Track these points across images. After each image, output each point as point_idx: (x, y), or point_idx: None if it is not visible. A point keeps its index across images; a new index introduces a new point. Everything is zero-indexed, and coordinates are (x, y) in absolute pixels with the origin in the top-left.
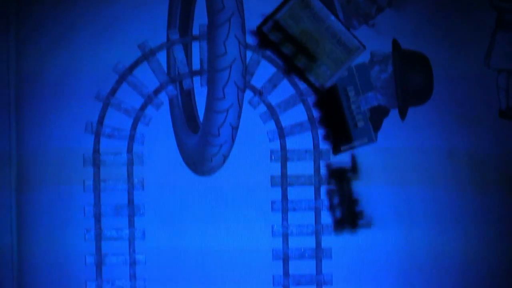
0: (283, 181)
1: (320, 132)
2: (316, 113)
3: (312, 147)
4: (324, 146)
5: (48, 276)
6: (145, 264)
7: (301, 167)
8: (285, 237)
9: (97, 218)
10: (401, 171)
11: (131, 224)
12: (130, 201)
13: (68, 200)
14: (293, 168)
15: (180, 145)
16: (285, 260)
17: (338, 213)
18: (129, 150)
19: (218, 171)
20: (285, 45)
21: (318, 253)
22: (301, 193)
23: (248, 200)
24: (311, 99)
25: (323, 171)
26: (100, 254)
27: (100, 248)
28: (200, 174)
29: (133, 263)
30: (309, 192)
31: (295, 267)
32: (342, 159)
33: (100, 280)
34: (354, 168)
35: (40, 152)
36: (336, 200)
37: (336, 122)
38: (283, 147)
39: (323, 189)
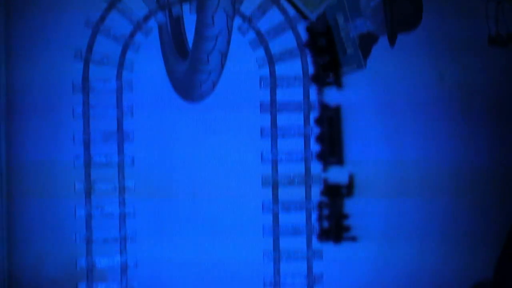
0: (273, 108)
1: (309, 59)
2: (305, 39)
3: (302, 73)
4: (313, 72)
5: (38, 204)
6: (134, 190)
7: (291, 94)
8: (274, 163)
9: (86, 144)
10: (390, 101)
11: (120, 150)
12: (119, 128)
13: (57, 127)
14: (282, 95)
15: (169, 71)
16: (274, 186)
17: (326, 224)
18: (119, 77)
19: (207, 98)
20: None
21: (307, 179)
22: (290, 120)
23: (237, 127)
24: (300, 25)
25: (312, 97)
26: (89, 181)
27: (89, 174)
28: (189, 100)
29: (122, 189)
30: (298, 119)
31: (284, 193)
32: (340, 177)
33: (89, 206)
34: (350, 186)
35: (29, 80)
36: (325, 212)
37: (325, 48)
38: (272, 73)
39: (312, 116)
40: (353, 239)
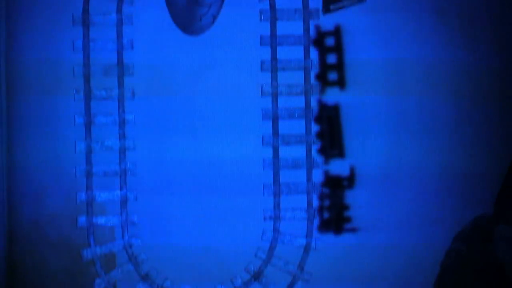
0: (273, 41)
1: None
2: None
3: (302, 6)
4: (314, 5)
5: (37, 136)
6: (134, 124)
7: (291, 27)
8: (274, 97)
9: (87, 78)
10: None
11: (120, 84)
12: (120, 61)
13: (57, 60)
14: (282, 28)
15: (170, 4)
16: (275, 120)
17: (326, 215)
18: (119, 10)
19: (207, 31)
20: None
21: (308, 113)
22: (290, 53)
23: (237, 60)
24: None
25: (312, 31)
26: (89, 114)
27: (89, 108)
28: (189, 33)
29: (122, 123)
30: (299, 52)
31: (284, 127)
32: (341, 169)
33: (89, 140)
34: (351, 178)
35: (29, 12)
36: (326, 203)
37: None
38: (272, 6)
39: (312, 49)
40: (354, 230)
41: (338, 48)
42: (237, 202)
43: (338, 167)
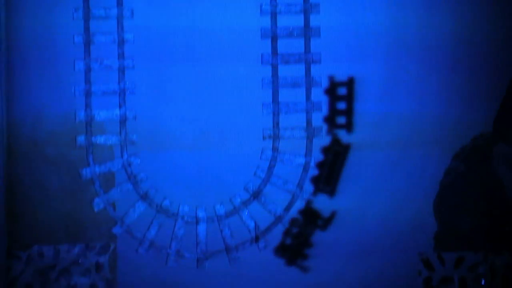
0: None
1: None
2: None
3: None
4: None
5: (36, 56)
6: (133, 43)
7: None
8: (274, 15)
9: None
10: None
11: (119, 2)
12: None
13: None
14: None
15: None
16: (274, 39)
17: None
18: None
19: None
20: None
21: (307, 31)
22: None
23: None
24: None
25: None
26: (88, 33)
27: (89, 27)
28: None
29: (121, 42)
30: None
31: (283, 45)
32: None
33: (88, 59)
34: (328, 220)
35: None
36: (294, 230)
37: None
38: None
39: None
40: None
41: (349, 97)
42: (236, 121)
43: (322, 204)
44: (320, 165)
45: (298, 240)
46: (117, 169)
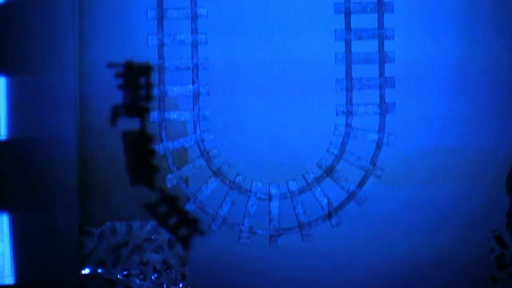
0: None
1: None
2: None
3: None
4: None
5: (110, 31)
6: (206, 17)
7: None
8: None
9: None
10: None
11: None
12: None
13: None
14: None
15: None
16: (347, 14)
17: None
18: None
19: None
20: None
21: (380, 7)
22: None
23: None
24: None
25: None
26: (161, 8)
27: (162, 2)
28: None
29: (194, 17)
30: None
31: (357, 21)
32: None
33: (162, 34)
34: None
35: None
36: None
37: None
38: None
39: None
40: None
41: None
42: (309, 98)
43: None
44: None
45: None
46: (190, 145)
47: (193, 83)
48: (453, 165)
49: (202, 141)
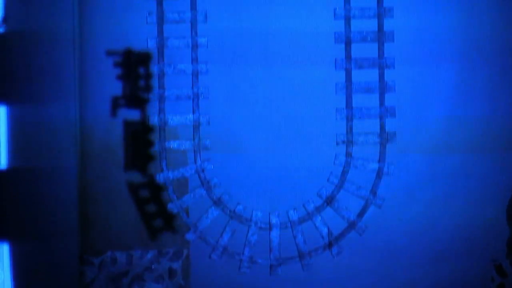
0: None
1: None
2: None
3: None
4: None
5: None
6: (207, 47)
7: None
8: (347, 20)
9: (159, 0)
10: None
11: (193, 5)
12: None
13: None
14: None
15: None
16: (347, 43)
17: None
18: None
19: None
20: None
21: (381, 36)
22: None
23: None
24: None
25: None
26: (162, 37)
27: (162, 31)
28: None
29: (195, 46)
30: None
31: (357, 50)
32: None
33: (162, 63)
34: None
35: None
36: None
37: None
38: None
39: None
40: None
41: None
42: (309, 126)
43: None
44: None
45: None
46: (190, 174)
47: (193, 113)
48: (452, 194)
49: (203, 170)
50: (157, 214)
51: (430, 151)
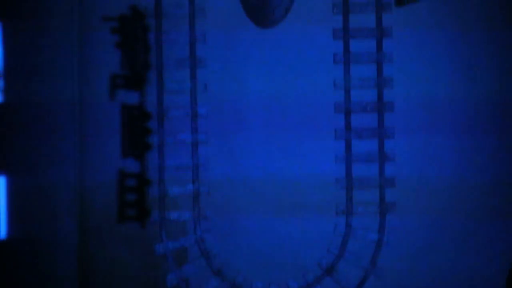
0: (345, 34)
1: None
2: None
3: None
4: None
5: (110, 128)
6: (206, 118)
7: (363, 20)
8: (347, 90)
9: (159, 71)
10: None
11: (193, 77)
12: (192, 54)
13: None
14: (355, 21)
15: None
16: (347, 114)
17: None
18: (191, 2)
19: (280, 24)
20: None
21: (380, 106)
22: (363, 46)
23: (310, 53)
24: None
25: (385, 23)
26: (161, 107)
27: (162, 101)
28: (262, 26)
29: (195, 116)
30: (371, 45)
31: (357, 120)
32: None
33: (162, 133)
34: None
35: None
36: None
37: None
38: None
39: (385, 42)
40: None
41: None
42: (309, 198)
43: None
44: None
45: None
46: (190, 245)
47: (193, 183)
48: (452, 266)
49: (202, 241)
50: None
51: (431, 220)
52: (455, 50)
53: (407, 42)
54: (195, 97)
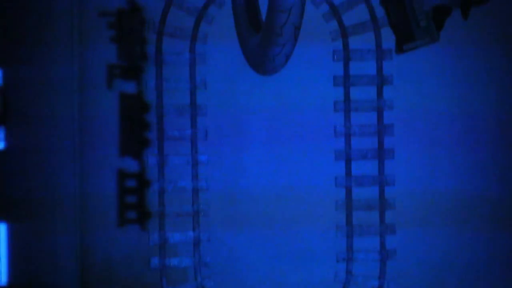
0: (346, 81)
1: (383, 31)
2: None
3: (375, 46)
4: (386, 46)
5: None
6: (207, 165)
7: (364, 67)
8: (347, 137)
9: (160, 118)
10: None
11: (193, 124)
12: (193, 101)
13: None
14: (355, 68)
15: (243, 44)
16: (348, 161)
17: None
18: (192, 49)
19: (280, 71)
20: None
21: (381, 153)
22: (363, 94)
23: (310, 100)
24: None
25: (385, 71)
26: (162, 155)
27: (162, 148)
28: (262, 73)
29: (195, 164)
30: (372, 92)
31: (357, 167)
32: None
33: (162, 180)
34: None
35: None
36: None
37: (398, 21)
38: (345, 46)
39: (386, 89)
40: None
41: None
42: (309, 244)
43: None
44: None
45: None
46: None
47: (193, 230)
48: None
49: None
50: None
51: (431, 268)
52: (455, 94)
53: (407, 88)
54: (195, 145)
